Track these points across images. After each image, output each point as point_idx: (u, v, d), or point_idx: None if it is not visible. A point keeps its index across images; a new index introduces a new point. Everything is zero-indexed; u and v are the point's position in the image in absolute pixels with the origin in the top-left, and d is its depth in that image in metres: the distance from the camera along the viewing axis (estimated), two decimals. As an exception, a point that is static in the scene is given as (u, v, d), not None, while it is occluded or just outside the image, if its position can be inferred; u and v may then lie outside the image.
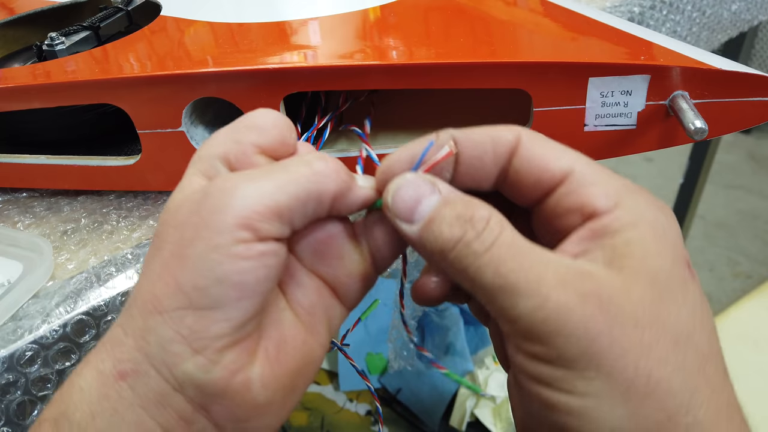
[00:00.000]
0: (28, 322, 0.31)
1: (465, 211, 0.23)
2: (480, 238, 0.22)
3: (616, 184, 0.24)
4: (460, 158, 0.25)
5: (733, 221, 2.01)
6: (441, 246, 0.23)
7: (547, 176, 0.24)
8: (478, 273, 0.22)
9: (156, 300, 0.22)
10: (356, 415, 0.83)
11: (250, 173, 0.23)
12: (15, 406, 0.31)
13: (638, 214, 0.23)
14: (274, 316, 0.25)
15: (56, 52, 0.40)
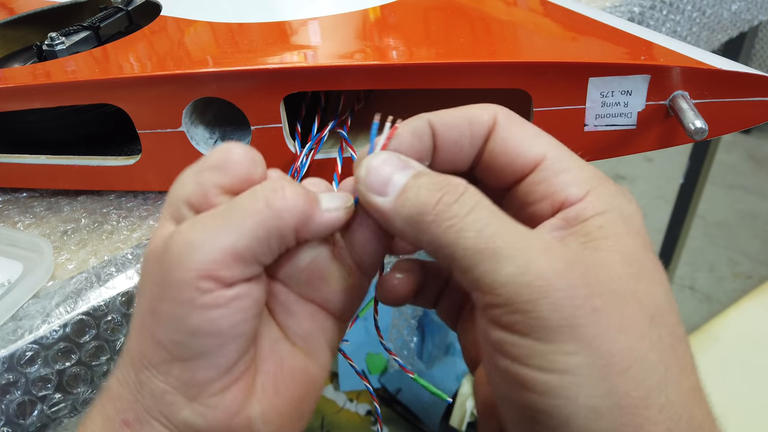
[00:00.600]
0: (29, 322, 0.31)
1: (441, 178, 0.23)
2: (459, 200, 0.22)
3: (588, 172, 0.24)
4: (438, 144, 0.25)
5: (733, 221, 2.01)
6: (419, 209, 0.22)
7: (521, 160, 0.24)
8: (459, 235, 0.21)
9: (142, 355, 0.23)
10: (356, 415, 0.83)
11: (206, 220, 0.23)
12: (15, 406, 0.30)
13: (608, 202, 0.23)
14: (269, 349, 0.25)
15: (56, 52, 0.40)
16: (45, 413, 0.32)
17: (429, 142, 0.25)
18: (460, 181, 0.22)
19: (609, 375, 0.20)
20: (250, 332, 0.23)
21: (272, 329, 0.25)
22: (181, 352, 0.22)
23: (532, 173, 0.24)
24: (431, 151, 0.25)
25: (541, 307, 0.20)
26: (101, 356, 0.33)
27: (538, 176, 0.24)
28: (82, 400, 0.33)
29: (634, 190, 2.12)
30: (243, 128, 0.38)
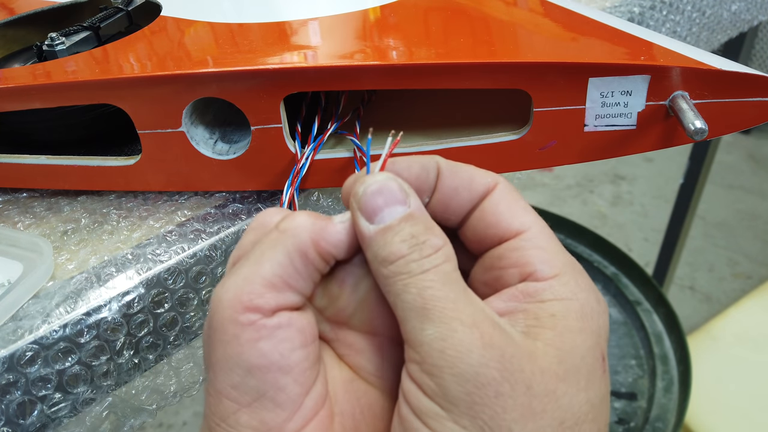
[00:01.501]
0: (29, 323, 0.31)
1: (422, 233, 0.23)
2: (421, 260, 0.22)
3: (564, 258, 0.24)
4: (439, 185, 0.26)
5: (733, 221, 2.02)
6: (385, 256, 0.23)
7: (505, 225, 0.25)
8: (404, 288, 0.22)
9: (212, 414, 0.23)
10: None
11: (234, 269, 0.24)
12: (15, 406, 0.30)
13: (572, 293, 0.23)
14: (343, 390, 0.25)
15: (56, 52, 0.40)
16: (45, 413, 0.32)
17: (433, 179, 0.26)
18: (437, 241, 0.23)
19: None
20: (303, 364, 0.23)
21: (344, 371, 0.26)
22: (243, 396, 0.23)
23: (510, 240, 0.24)
24: (432, 189, 0.26)
25: (446, 375, 0.21)
26: (101, 356, 0.33)
27: (514, 244, 0.24)
28: (82, 400, 0.33)
29: (634, 191, 2.12)
30: (243, 128, 0.38)
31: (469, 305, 0.22)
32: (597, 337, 0.23)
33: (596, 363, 0.22)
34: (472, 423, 0.20)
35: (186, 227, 0.37)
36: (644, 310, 0.93)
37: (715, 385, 0.96)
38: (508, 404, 0.20)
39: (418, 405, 0.21)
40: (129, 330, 0.33)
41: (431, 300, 0.22)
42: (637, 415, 0.80)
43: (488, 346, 0.21)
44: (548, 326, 0.22)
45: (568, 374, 0.21)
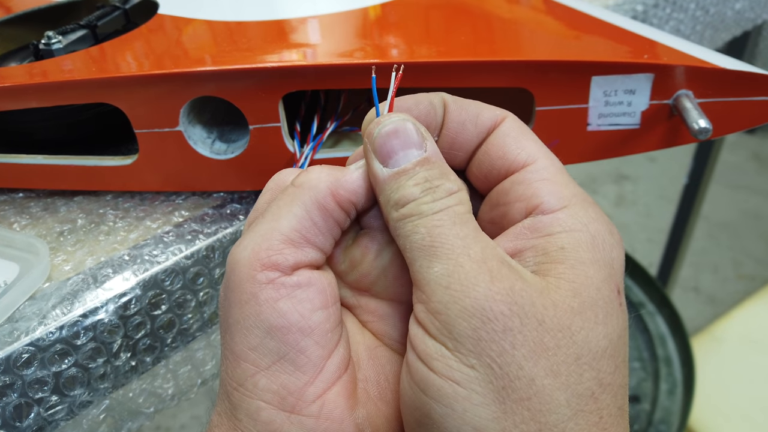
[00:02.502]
0: (25, 324, 0.30)
1: (436, 178, 0.22)
2: (433, 203, 0.22)
3: (573, 189, 0.23)
4: (446, 120, 0.25)
5: (737, 222, 2.01)
6: (397, 199, 0.22)
7: (511, 157, 0.24)
8: (414, 229, 0.21)
9: (229, 378, 0.22)
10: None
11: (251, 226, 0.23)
12: (11, 408, 0.30)
13: (582, 223, 0.22)
14: (367, 357, 0.24)
15: (53, 51, 0.39)
16: (42, 416, 0.31)
17: (440, 116, 0.25)
18: (451, 186, 0.22)
19: (504, 399, 0.19)
20: (324, 325, 0.22)
21: (367, 338, 0.25)
22: (261, 358, 0.22)
23: (516, 173, 0.24)
24: (440, 125, 0.25)
25: (451, 311, 0.20)
26: (98, 358, 0.33)
27: (520, 176, 0.23)
28: (79, 402, 0.33)
29: (638, 190, 2.11)
30: (241, 128, 0.38)
31: (479, 242, 0.21)
32: (610, 268, 0.21)
33: (612, 295, 0.21)
34: (479, 361, 0.19)
35: (183, 228, 0.36)
36: (648, 312, 0.93)
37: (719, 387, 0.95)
38: (517, 340, 0.19)
39: (423, 348, 0.20)
40: (126, 332, 0.33)
41: (439, 237, 0.21)
42: (640, 418, 0.79)
43: (496, 280, 0.20)
44: (558, 260, 0.21)
45: (584, 307, 0.20)
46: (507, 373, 0.19)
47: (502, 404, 0.19)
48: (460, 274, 0.20)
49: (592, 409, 0.20)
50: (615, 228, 0.23)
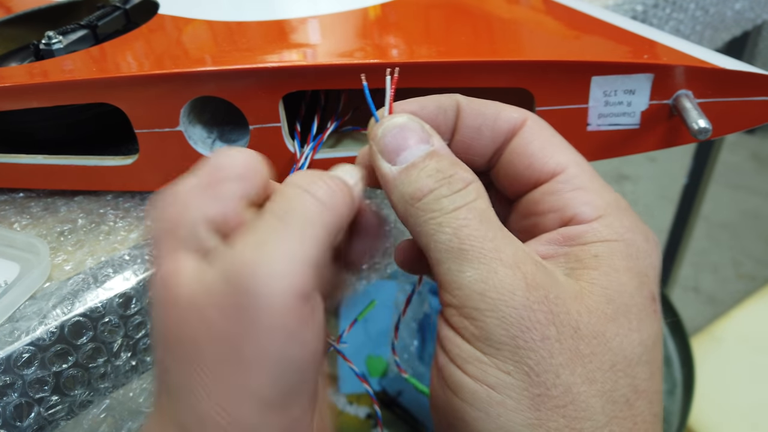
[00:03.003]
0: (25, 324, 0.30)
1: (448, 168, 0.22)
2: (452, 196, 0.21)
3: (606, 197, 0.22)
4: (459, 125, 0.24)
5: (737, 222, 2.01)
6: (412, 192, 0.21)
7: (539, 166, 0.23)
8: (438, 228, 0.21)
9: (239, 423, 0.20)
10: (356, 418, 0.83)
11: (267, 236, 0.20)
12: (12, 408, 0.30)
13: (617, 233, 0.21)
14: None
15: (53, 51, 0.39)
16: (42, 415, 0.31)
17: (452, 119, 0.24)
18: (466, 176, 0.22)
19: (539, 406, 0.19)
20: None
21: None
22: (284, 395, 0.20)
23: (546, 183, 0.23)
24: (452, 130, 0.24)
25: (488, 318, 0.19)
26: (98, 358, 0.33)
27: (552, 187, 0.23)
28: (80, 402, 0.33)
29: (638, 190, 2.11)
30: (241, 128, 0.38)
31: (510, 244, 0.20)
32: (644, 276, 0.21)
33: (646, 302, 0.21)
34: (516, 368, 0.19)
35: (184, 228, 0.36)
36: (647, 311, 0.93)
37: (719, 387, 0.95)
38: (554, 348, 0.19)
39: (456, 351, 0.20)
40: (126, 332, 0.33)
41: (468, 240, 0.20)
42: (640, 417, 0.79)
43: (532, 287, 0.20)
44: (591, 266, 0.21)
45: (618, 314, 0.20)
46: (544, 381, 0.19)
47: (537, 411, 0.19)
48: (495, 280, 0.20)
49: (627, 415, 0.20)
50: (651, 233, 0.22)
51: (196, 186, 0.21)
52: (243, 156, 0.22)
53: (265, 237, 0.20)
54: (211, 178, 0.21)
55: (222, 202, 0.21)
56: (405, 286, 0.87)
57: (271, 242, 0.20)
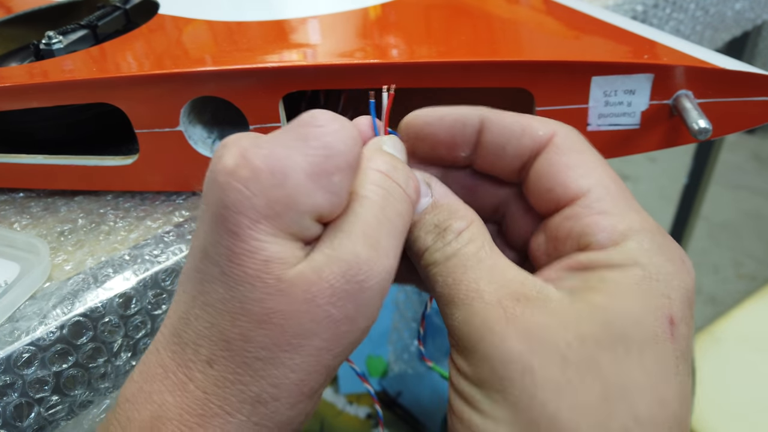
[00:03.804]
0: (25, 324, 0.30)
1: (444, 220, 0.23)
2: (443, 248, 0.22)
3: (629, 222, 0.21)
4: (483, 141, 0.24)
5: (737, 222, 2.01)
6: (416, 251, 0.23)
7: (560, 189, 0.22)
8: (434, 279, 0.22)
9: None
10: (356, 418, 0.83)
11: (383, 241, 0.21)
12: (12, 408, 0.30)
13: (634, 258, 0.20)
14: None
15: (53, 51, 0.39)
16: (42, 415, 0.31)
17: (472, 134, 0.24)
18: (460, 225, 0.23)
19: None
20: None
21: None
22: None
23: (567, 207, 0.22)
24: (472, 144, 0.24)
25: (474, 357, 0.20)
26: (98, 358, 0.33)
27: (572, 211, 0.22)
28: (80, 402, 0.33)
29: (638, 191, 2.11)
30: (241, 128, 0.38)
31: (492, 282, 0.21)
32: (664, 298, 0.20)
33: (658, 329, 0.20)
34: (504, 401, 0.19)
35: (183, 228, 0.36)
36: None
37: (719, 386, 0.95)
38: (538, 378, 0.19)
39: (460, 388, 0.21)
40: (126, 332, 0.33)
41: (455, 285, 0.21)
42: (640, 417, 0.79)
43: (511, 321, 0.20)
44: (596, 289, 0.20)
45: (617, 342, 0.19)
46: (530, 411, 0.19)
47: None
48: (476, 320, 0.20)
49: None
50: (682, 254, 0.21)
51: (307, 171, 0.20)
52: (353, 141, 0.21)
53: (377, 235, 0.21)
54: (324, 165, 0.21)
55: (334, 196, 0.21)
56: (405, 286, 0.88)
57: (382, 243, 0.21)
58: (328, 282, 0.20)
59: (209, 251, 0.21)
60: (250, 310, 0.20)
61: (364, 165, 0.22)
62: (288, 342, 0.20)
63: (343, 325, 0.21)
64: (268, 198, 0.20)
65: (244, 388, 0.21)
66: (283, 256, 0.20)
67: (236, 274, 0.20)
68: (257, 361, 0.21)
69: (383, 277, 0.21)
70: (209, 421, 0.21)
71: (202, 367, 0.21)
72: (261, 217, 0.20)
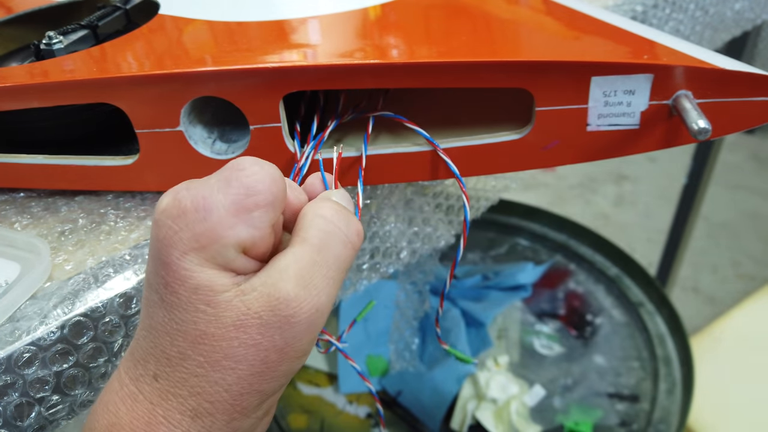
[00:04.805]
0: (26, 324, 0.30)
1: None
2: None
3: None
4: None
5: (736, 222, 2.01)
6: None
7: None
8: None
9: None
10: (356, 418, 0.83)
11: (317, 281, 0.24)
12: (12, 408, 0.30)
13: None
14: None
15: (54, 51, 0.39)
16: (42, 415, 0.31)
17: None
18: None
19: None
20: None
21: None
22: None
23: None
24: None
25: None
26: (99, 358, 0.33)
27: None
28: (80, 402, 0.33)
29: (638, 191, 2.11)
30: (241, 128, 0.38)
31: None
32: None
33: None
34: None
35: (184, 227, 0.36)
36: (647, 311, 0.93)
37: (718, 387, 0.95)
38: None
39: None
40: (127, 331, 0.33)
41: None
42: (639, 418, 0.79)
43: None
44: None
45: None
46: None
47: None
48: None
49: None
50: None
51: (228, 208, 0.23)
52: (271, 181, 0.24)
53: (310, 275, 0.24)
54: (244, 202, 0.23)
55: (254, 230, 0.23)
56: (405, 285, 0.88)
57: (315, 283, 0.23)
58: (257, 313, 0.23)
59: (150, 280, 0.24)
60: (185, 331, 0.23)
61: (311, 211, 0.25)
62: (219, 363, 0.23)
63: (272, 354, 0.23)
64: (194, 232, 0.23)
65: (184, 402, 0.24)
66: (210, 284, 0.23)
67: (171, 300, 0.23)
68: (193, 377, 0.23)
69: (312, 314, 0.23)
70: (155, 429, 0.24)
71: (150, 381, 0.24)
72: (189, 249, 0.23)
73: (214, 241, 0.23)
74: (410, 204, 0.47)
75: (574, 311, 0.95)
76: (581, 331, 0.91)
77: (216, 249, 0.23)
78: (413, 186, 0.46)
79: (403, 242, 0.47)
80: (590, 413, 0.80)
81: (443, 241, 0.51)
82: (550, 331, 0.92)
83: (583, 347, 0.89)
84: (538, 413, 0.81)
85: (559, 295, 0.97)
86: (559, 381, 0.85)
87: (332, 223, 0.25)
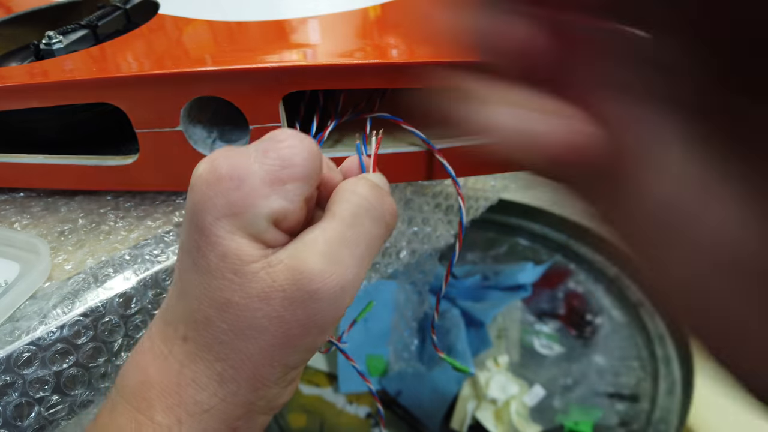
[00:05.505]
0: (26, 323, 0.30)
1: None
2: None
3: None
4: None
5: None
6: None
7: None
8: None
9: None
10: (356, 417, 0.83)
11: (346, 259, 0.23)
12: (12, 407, 0.30)
13: None
14: None
15: (54, 50, 0.39)
16: (42, 415, 0.31)
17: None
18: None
19: None
20: None
21: None
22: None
23: None
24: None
25: None
26: (99, 358, 0.33)
27: None
28: (80, 402, 0.33)
29: (637, 191, 2.11)
30: (241, 127, 0.38)
31: None
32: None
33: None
34: None
35: (184, 227, 0.36)
36: (647, 311, 0.93)
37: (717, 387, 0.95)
38: None
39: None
40: (126, 331, 0.33)
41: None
42: (639, 418, 0.79)
43: None
44: None
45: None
46: None
47: None
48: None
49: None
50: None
51: (263, 178, 0.23)
52: (308, 155, 0.24)
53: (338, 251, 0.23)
54: (279, 173, 0.23)
55: (287, 202, 0.23)
56: (405, 285, 0.88)
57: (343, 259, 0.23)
58: (281, 286, 0.23)
59: (184, 244, 0.24)
60: (212, 297, 0.23)
61: (346, 188, 0.25)
62: (243, 332, 0.23)
63: (294, 329, 0.23)
64: (228, 199, 0.23)
65: (210, 366, 0.24)
66: (238, 252, 0.23)
67: (202, 265, 0.23)
68: (218, 344, 0.24)
69: (337, 290, 0.23)
70: (184, 389, 0.24)
71: (179, 342, 0.25)
72: (221, 215, 0.23)
73: (246, 209, 0.23)
74: (410, 204, 0.47)
75: (573, 311, 0.95)
76: (581, 331, 0.92)
77: (248, 218, 0.23)
78: (413, 186, 0.46)
79: (403, 242, 0.47)
80: (590, 413, 0.80)
81: (443, 241, 0.51)
82: (549, 331, 0.92)
83: (582, 347, 0.89)
84: (538, 413, 0.81)
85: (559, 295, 0.97)
86: (559, 381, 0.85)
87: (366, 199, 0.25)
